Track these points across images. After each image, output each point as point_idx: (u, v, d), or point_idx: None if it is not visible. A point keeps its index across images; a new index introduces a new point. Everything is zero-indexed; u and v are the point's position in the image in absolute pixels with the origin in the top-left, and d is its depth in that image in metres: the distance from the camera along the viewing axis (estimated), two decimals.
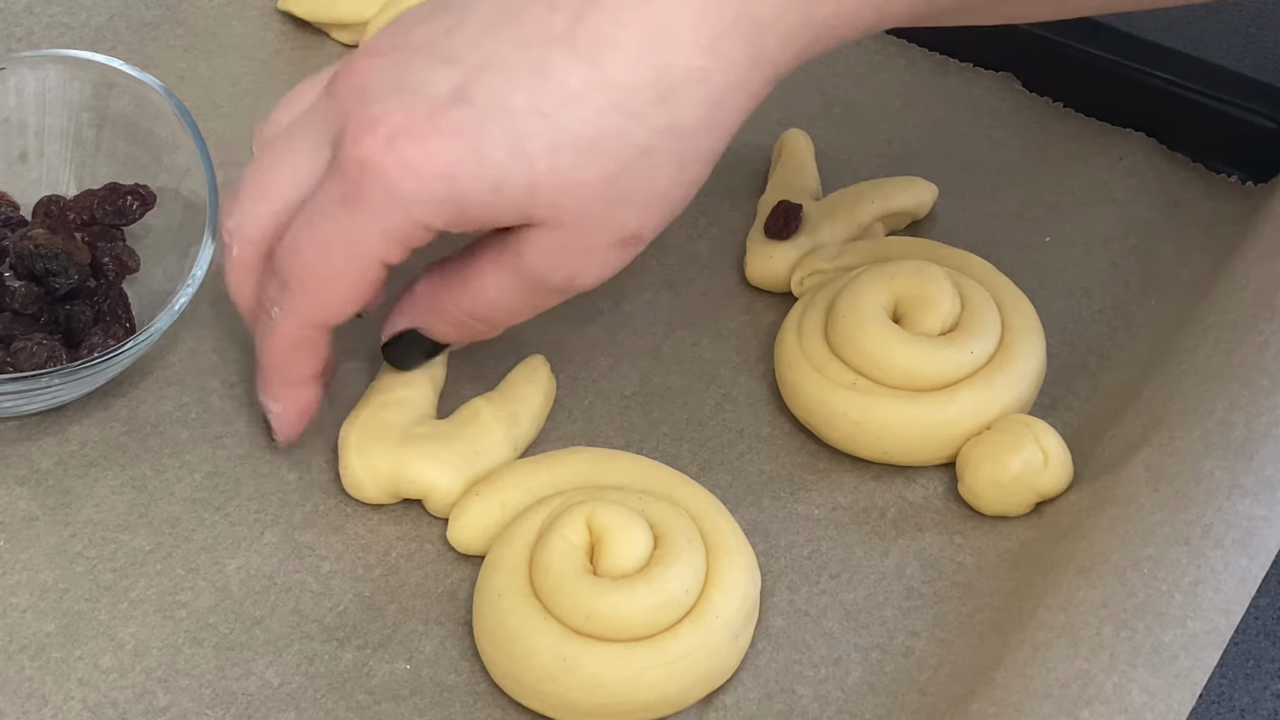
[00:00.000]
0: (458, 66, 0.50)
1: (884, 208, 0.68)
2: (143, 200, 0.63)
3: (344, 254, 0.52)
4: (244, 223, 0.55)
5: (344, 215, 0.51)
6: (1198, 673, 0.52)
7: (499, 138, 0.50)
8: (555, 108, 0.50)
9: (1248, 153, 0.71)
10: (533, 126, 0.50)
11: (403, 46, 0.52)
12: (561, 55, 0.50)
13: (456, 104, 0.50)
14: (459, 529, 0.58)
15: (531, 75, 0.50)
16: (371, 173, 0.50)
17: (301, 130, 0.54)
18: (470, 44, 0.51)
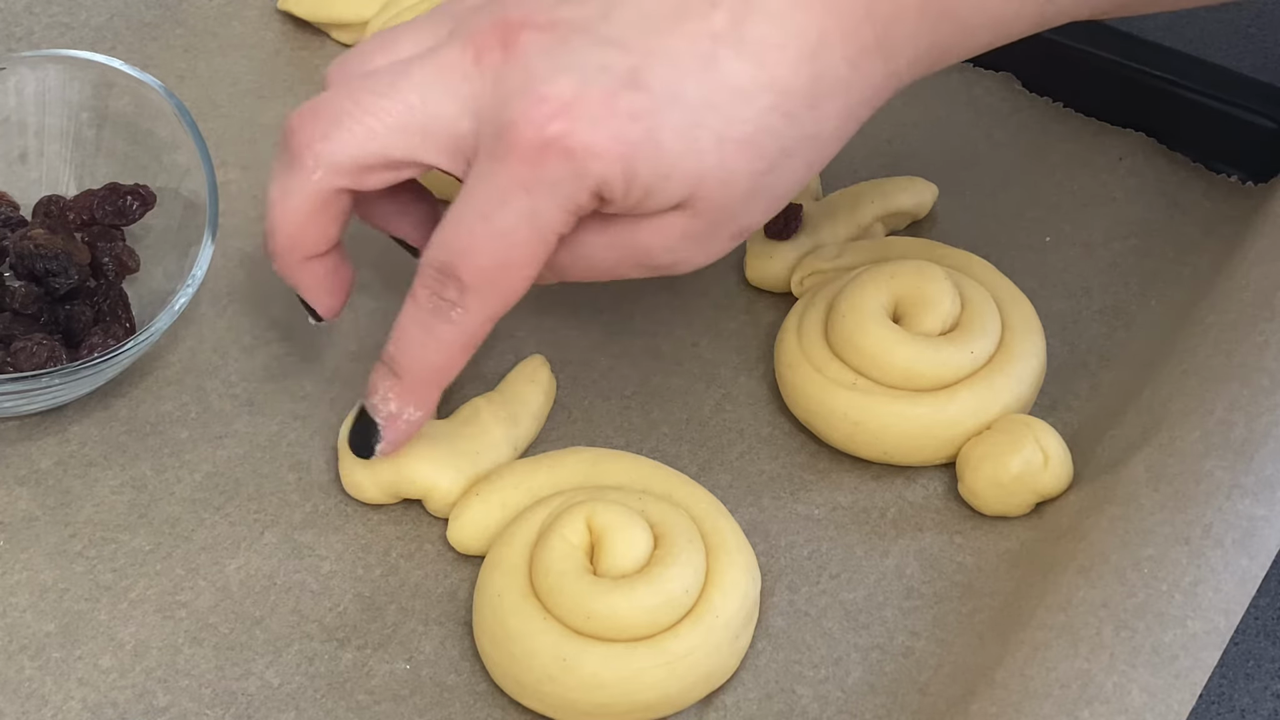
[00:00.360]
0: (626, 52, 0.51)
1: (884, 208, 0.68)
2: (143, 200, 0.63)
3: (532, 238, 0.51)
4: (341, 150, 0.53)
5: (525, 199, 0.51)
6: (1198, 673, 0.52)
7: (673, 126, 0.50)
8: (724, 102, 0.51)
9: (1248, 153, 0.71)
10: (704, 118, 0.51)
11: (559, 24, 0.51)
12: (729, 53, 0.51)
13: (632, 89, 0.50)
14: (459, 529, 0.58)
15: (702, 68, 0.51)
16: (555, 154, 0.50)
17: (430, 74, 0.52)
18: (634, 30, 0.51)
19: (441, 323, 0.53)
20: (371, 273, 0.66)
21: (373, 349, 0.63)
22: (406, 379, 0.55)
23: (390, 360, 0.55)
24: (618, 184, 0.51)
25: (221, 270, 0.66)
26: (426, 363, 0.55)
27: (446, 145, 0.52)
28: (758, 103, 0.51)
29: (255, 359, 0.64)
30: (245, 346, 0.64)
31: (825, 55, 0.51)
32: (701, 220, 0.53)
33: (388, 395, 0.56)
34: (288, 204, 0.54)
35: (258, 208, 0.68)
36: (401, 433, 0.57)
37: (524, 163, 0.50)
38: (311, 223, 0.54)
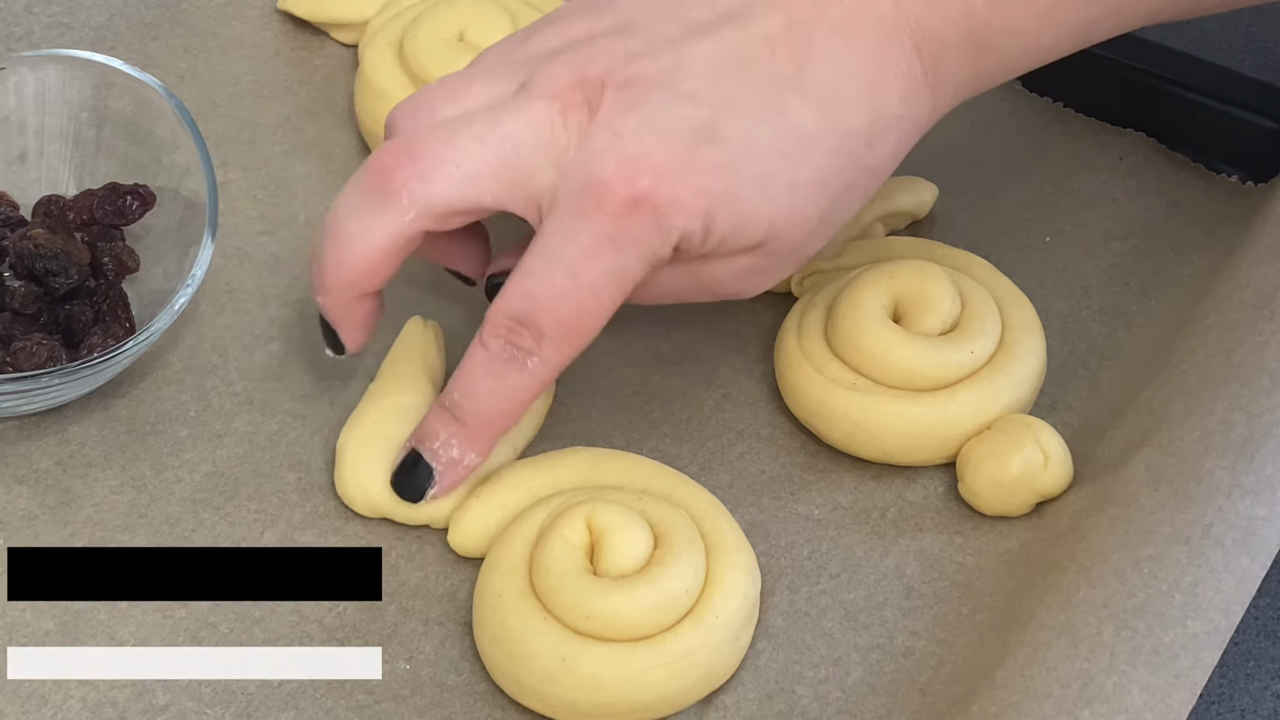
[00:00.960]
0: (701, 105, 0.53)
1: (884, 208, 0.68)
2: (143, 200, 0.63)
3: (614, 290, 0.53)
4: (437, 195, 0.54)
5: (612, 253, 0.53)
6: (1198, 673, 0.52)
7: (749, 177, 0.53)
8: (795, 148, 0.53)
9: (1248, 153, 0.71)
10: (777, 167, 0.53)
11: (637, 80, 0.53)
12: (795, 99, 0.53)
13: (710, 142, 0.53)
14: (459, 531, 0.58)
15: (772, 116, 0.53)
16: (644, 211, 0.52)
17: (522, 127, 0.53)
18: (704, 82, 0.53)
19: (515, 371, 0.54)
20: None
21: (373, 349, 0.63)
22: (472, 426, 0.56)
23: (454, 406, 0.56)
24: (697, 235, 0.53)
25: (221, 270, 0.66)
26: (496, 410, 0.56)
27: (529, 195, 0.54)
28: (824, 145, 0.54)
29: (255, 359, 0.64)
30: (245, 346, 0.64)
31: (881, 94, 0.54)
32: (771, 258, 0.55)
33: (450, 441, 0.56)
34: (369, 241, 0.55)
35: (258, 207, 0.68)
36: (458, 479, 0.57)
37: (613, 218, 0.52)
38: (386, 262, 0.55)
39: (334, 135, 0.71)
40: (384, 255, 0.55)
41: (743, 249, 0.54)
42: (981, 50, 0.56)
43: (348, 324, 0.57)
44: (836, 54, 0.54)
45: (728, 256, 0.55)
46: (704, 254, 0.54)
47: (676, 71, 0.53)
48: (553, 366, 0.55)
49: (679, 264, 0.55)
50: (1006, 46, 0.56)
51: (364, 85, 0.70)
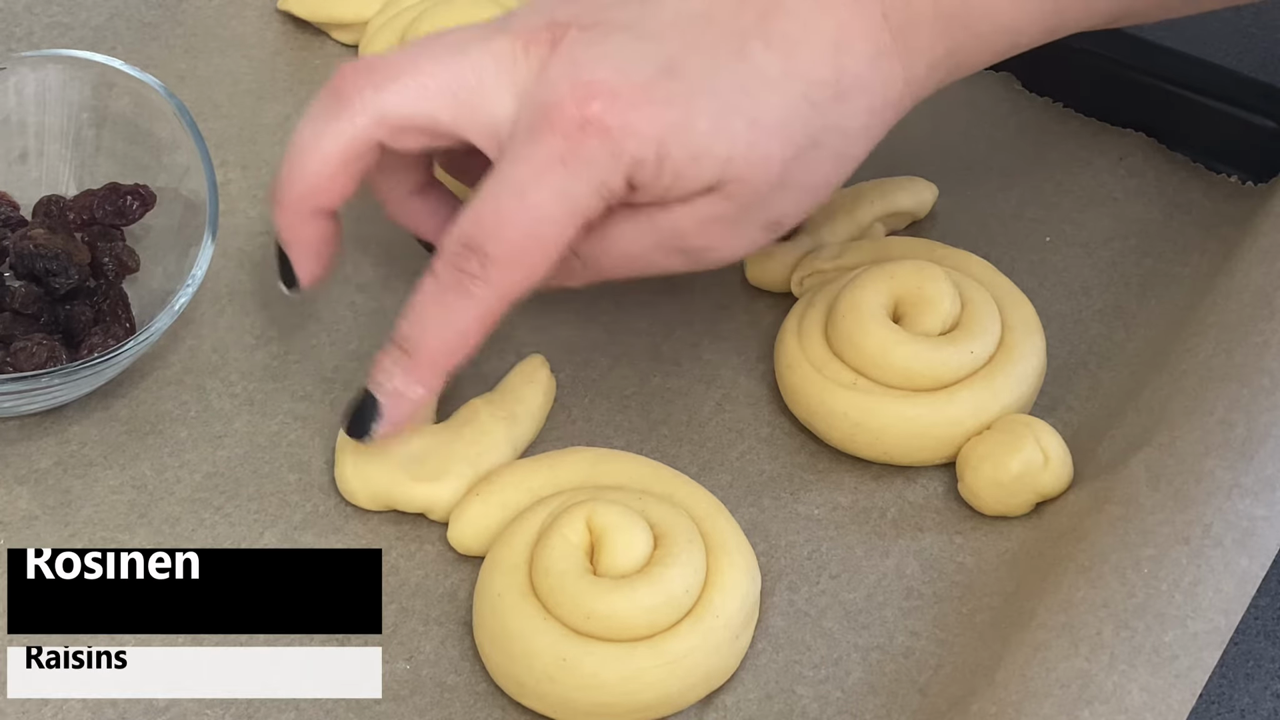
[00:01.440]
0: (663, 45, 0.53)
1: (884, 208, 0.68)
2: (143, 200, 0.63)
3: (561, 215, 0.53)
4: (390, 105, 0.54)
5: (561, 176, 0.52)
6: (1198, 673, 0.52)
7: (707, 110, 0.53)
8: (755, 88, 0.54)
9: (1248, 153, 0.71)
10: (736, 102, 0.53)
11: (602, 23, 0.54)
12: (758, 46, 0.54)
13: (669, 77, 0.53)
14: (459, 529, 0.58)
15: (734, 59, 0.54)
16: (595, 133, 0.52)
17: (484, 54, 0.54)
18: (670, 27, 0.54)
19: (461, 297, 0.54)
20: (372, 272, 0.66)
21: (373, 349, 0.63)
22: (419, 357, 0.55)
23: (403, 339, 0.55)
24: (650, 165, 0.53)
25: (221, 270, 0.66)
26: (441, 339, 0.55)
27: (487, 123, 0.54)
28: (787, 90, 0.54)
29: (255, 359, 0.64)
30: (245, 346, 0.64)
31: (847, 51, 0.54)
32: (733, 204, 0.54)
33: (393, 371, 0.56)
34: (321, 146, 0.55)
35: (258, 207, 0.68)
36: (403, 413, 0.56)
37: (563, 139, 0.52)
38: (340, 171, 0.55)
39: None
40: (337, 164, 0.55)
41: (701, 189, 0.54)
42: (953, 23, 0.55)
43: (300, 246, 0.57)
44: (804, 10, 0.54)
45: (687, 201, 0.54)
46: (661, 193, 0.54)
47: (643, 19, 0.54)
48: (500, 294, 0.54)
49: (639, 212, 0.54)
50: (978, 23, 0.56)
51: None
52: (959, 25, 0.56)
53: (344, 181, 0.55)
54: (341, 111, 0.55)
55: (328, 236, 0.57)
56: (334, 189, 0.55)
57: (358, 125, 0.54)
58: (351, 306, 0.66)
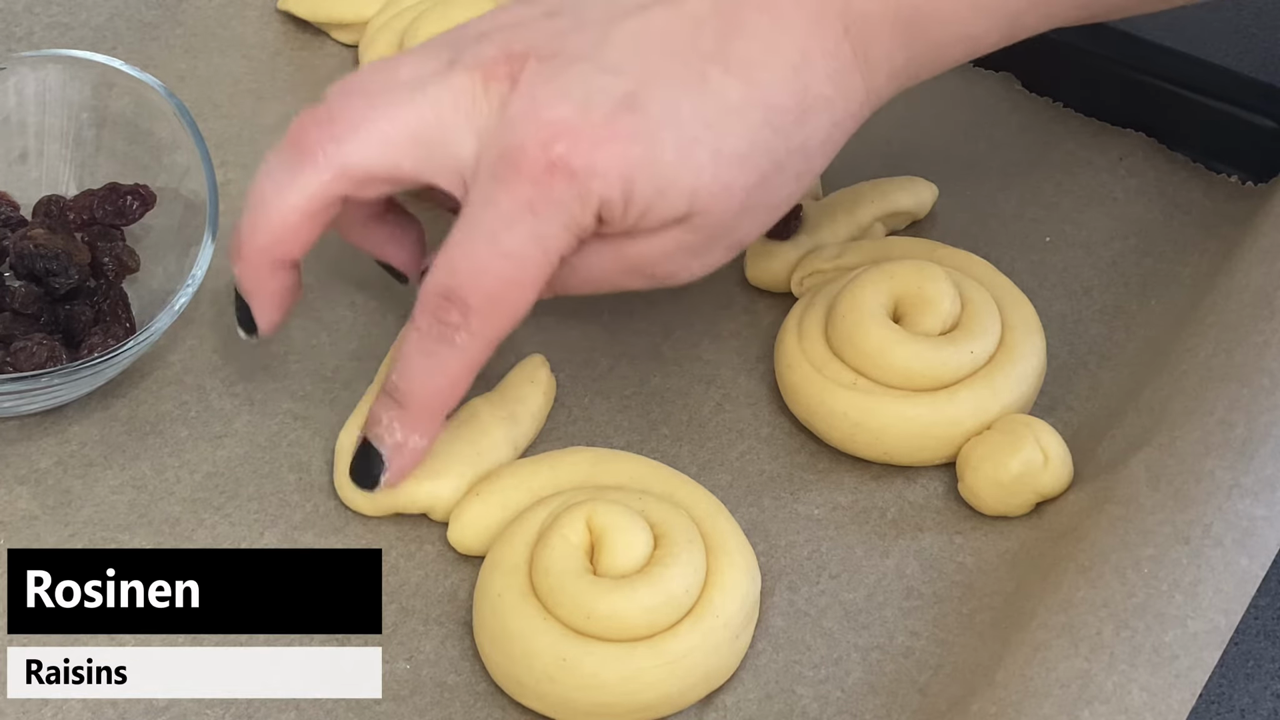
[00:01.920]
0: (622, 77, 0.53)
1: (884, 208, 0.68)
2: (143, 200, 0.63)
3: (538, 259, 0.53)
4: (353, 158, 0.54)
5: (531, 221, 0.52)
6: (1198, 673, 0.52)
7: (670, 144, 0.52)
8: (717, 119, 0.53)
9: (1248, 153, 0.71)
10: (700, 135, 0.53)
11: (560, 54, 0.53)
12: (718, 71, 0.53)
13: (630, 111, 0.52)
14: (459, 529, 0.58)
15: (695, 88, 0.53)
16: (561, 175, 0.51)
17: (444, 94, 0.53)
18: (628, 56, 0.53)
19: (444, 347, 0.54)
20: (372, 271, 0.66)
21: (373, 349, 0.63)
22: (411, 408, 0.56)
23: (394, 390, 0.55)
24: (618, 202, 0.52)
25: (221, 270, 0.65)
26: (431, 390, 0.55)
27: (451, 165, 0.53)
28: (749, 118, 0.53)
29: (255, 359, 0.64)
30: (245, 346, 0.64)
31: (808, 72, 0.54)
32: (700, 234, 0.54)
33: (392, 425, 0.56)
34: (284, 202, 0.54)
35: None
36: (407, 463, 0.57)
37: (531, 183, 0.52)
38: (302, 225, 0.55)
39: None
40: (300, 218, 0.54)
41: (668, 221, 0.53)
42: (912, 33, 0.55)
43: (262, 297, 0.56)
44: (763, 31, 0.53)
45: (654, 232, 0.54)
46: (629, 226, 0.53)
47: (601, 46, 0.53)
48: (483, 341, 0.54)
49: (606, 241, 0.54)
50: (936, 32, 0.56)
51: None
52: (918, 34, 0.55)
53: (306, 234, 0.55)
54: (303, 166, 0.54)
55: (289, 286, 0.57)
56: (296, 242, 0.55)
57: (320, 181, 0.54)
58: (351, 306, 0.66)
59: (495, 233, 0.52)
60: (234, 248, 0.56)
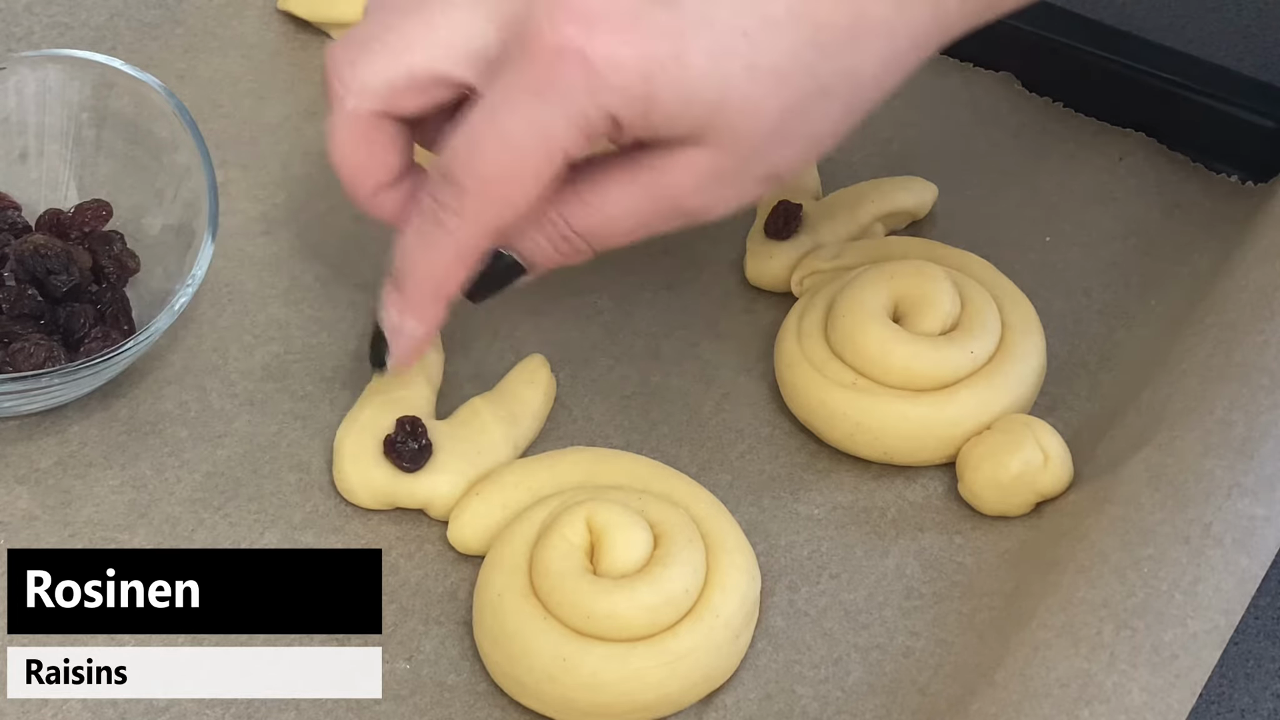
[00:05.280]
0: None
1: (884, 208, 0.68)
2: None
3: (535, 146, 0.50)
4: (369, 73, 0.53)
5: (534, 105, 0.49)
6: (1198, 672, 0.52)
7: (702, 48, 0.49)
8: (757, 30, 0.49)
9: (1248, 153, 0.71)
10: (735, 44, 0.49)
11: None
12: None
13: (662, 6, 0.49)
14: (459, 529, 0.58)
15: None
16: (572, 60, 0.48)
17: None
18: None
19: (436, 229, 0.52)
20: (372, 271, 0.66)
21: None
22: (407, 290, 0.55)
23: (394, 271, 0.55)
24: (637, 103, 0.49)
25: (221, 270, 0.66)
26: (424, 272, 0.54)
27: (473, 58, 0.52)
28: (793, 33, 0.50)
29: (255, 359, 0.64)
30: (245, 346, 0.64)
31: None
32: (729, 156, 0.51)
33: (390, 308, 0.55)
34: (335, 139, 0.54)
35: (258, 207, 0.68)
36: (405, 349, 0.56)
37: (538, 65, 0.49)
38: (363, 151, 0.54)
39: None
40: (354, 146, 0.54)
41: (692, 134, 0.50)
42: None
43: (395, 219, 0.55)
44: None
45: (681, 154, 0.51)
46: (648, 134, 0.50)
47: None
48: (475, 227, 0.52)
49: (633, 172, 0.52)
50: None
51: None
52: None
53: (376, 157, 0.54)
54: (332, 100, 0.54)
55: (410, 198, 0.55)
56: (372, 167, 0.54)
57: (348, 109, 0.53)
58: (351, 306, 0.65)
59: (495, 114, 0.50)
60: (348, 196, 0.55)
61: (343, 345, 0.64)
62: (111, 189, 0.65)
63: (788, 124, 0.51)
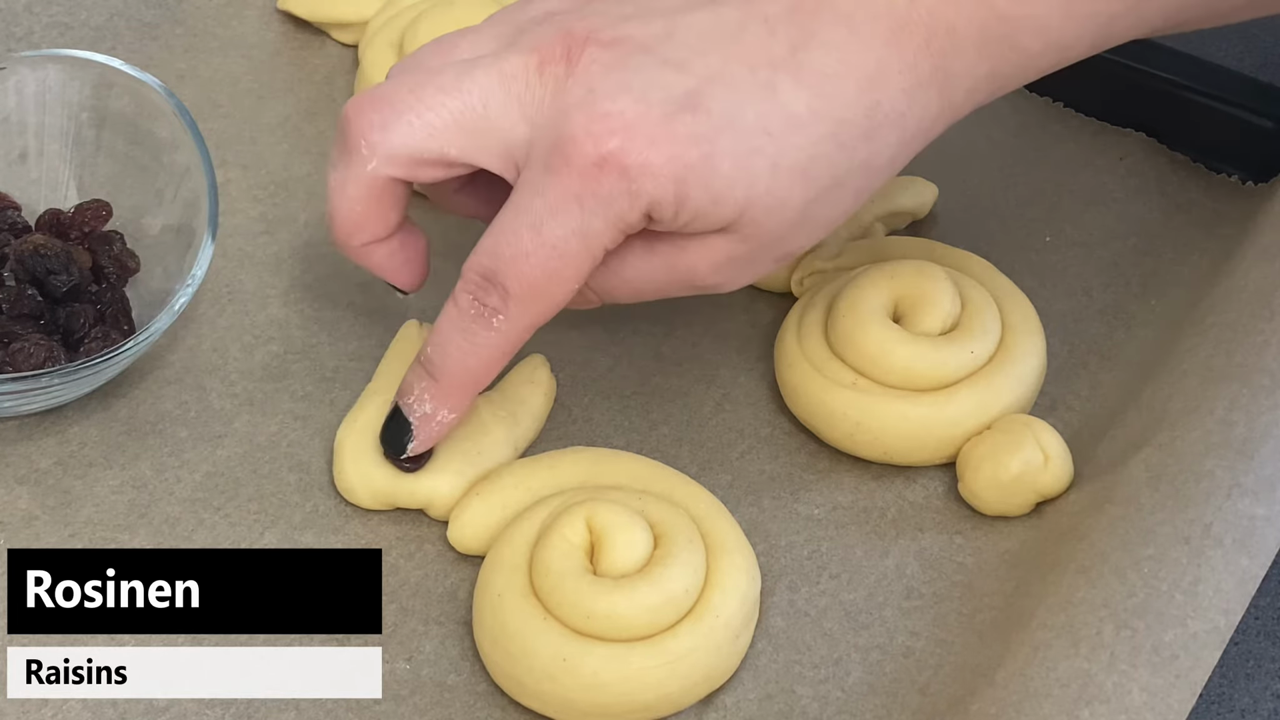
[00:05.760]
0: (686, 74, 0.51)
1: (884, 208, 0.68)
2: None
3: (580, 251, 0.52)
4: (397, 141, 0.54)
5: (578, 213, 0.51)
6: (1198, 673, 0.52)
7: (729, 151, 0.51)
8: (780, 129, 0.51)
9: (1248, 153, 0.71)
10: (760, 144, 0.51)
11: (622, 41, 0.52)
12: (788, 80, 0.51)
13: (691, 111, 0.51)
14: (459, 529, 0.58)
15: (760, 94, 0.51)
16: (612, 171, 0.51)
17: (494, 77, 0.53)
18: (694, 52, 0.52)
19: (483, 329, 0.54)
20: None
21: (373, 349, 0.63)
22: (443, 382, 0.56)
23: (428, 363, 0.56)
24: (669, 204, 0.51)
25: (221, 270, 0.66)
26: (464, 367, 0.55)
27: (501, 150, 0.53)
28: (813, 131, 0.52)
29: (255, 359, 0.64)
30: (245, 346, 0.64)
31: (882, 86, 0.52)
32: (749, 245, 0.53)
33: (424, 397, 0.56)
34: (345, 193, 0.55)
35: (258, 207, 0.68)
36: (434, 434, 0.57)
37: (580, 176, 0.51)
38: (369, 211, 0.55)
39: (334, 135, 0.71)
40: (362, 205, 0.55)
41: (718, 230, 0.53)
42: (998, 46, 0.53)
43: (377, 268, 0.57)
44: (838, 41, 0.52)
45: (703, 239, 0.53)
46: (678, 230, 0.53)
47: (666, 39, 0.52)
48: (521, 327, 0.54)
49: (654, 249, 0.54)
50: (1025, 42, 0.53)
51: (364, 85, 0.70)
52: (1006, 45, 0.53)
53: (378, 217, 0.55)
54: (350, 156, 0.54)
55: (398, 250, 0.57)
56: (373, 225, 0.56)
57: (368, 171, 0.54)
58: (351, 306, 0.66)
59: (541, 222, 0.52)
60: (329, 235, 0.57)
61: (343, 345, 0.64)
62: (111, 189, 0.65)
63: (807, 214, 0.53)
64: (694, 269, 0.54)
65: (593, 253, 0.52)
